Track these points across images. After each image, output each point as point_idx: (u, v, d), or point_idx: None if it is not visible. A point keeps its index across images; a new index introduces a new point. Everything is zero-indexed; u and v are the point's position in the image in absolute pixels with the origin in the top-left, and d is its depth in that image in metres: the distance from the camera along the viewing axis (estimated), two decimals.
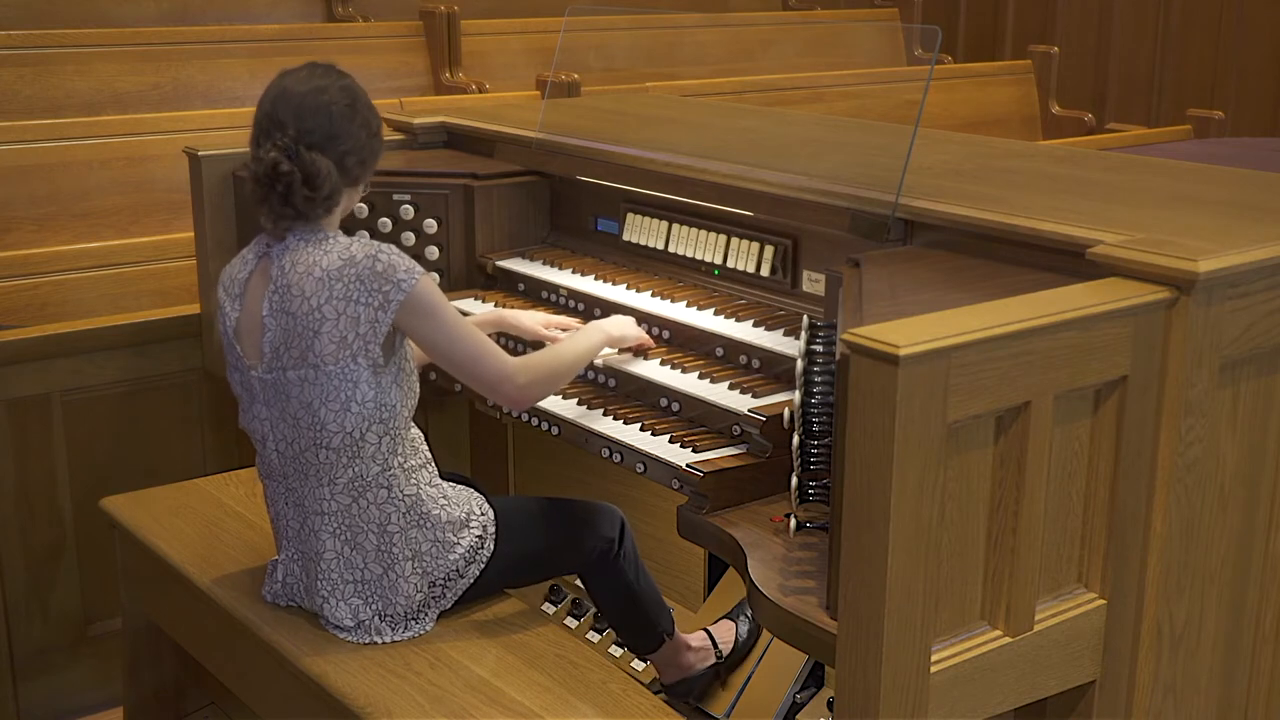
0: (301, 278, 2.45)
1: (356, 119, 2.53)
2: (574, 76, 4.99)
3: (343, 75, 2.58)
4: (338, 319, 2.42)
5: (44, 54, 4.67)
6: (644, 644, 2.96)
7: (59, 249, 3.95)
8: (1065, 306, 1.93)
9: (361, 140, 2.53)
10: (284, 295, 2.47)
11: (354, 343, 2.42)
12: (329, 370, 2.43)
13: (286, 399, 2.49)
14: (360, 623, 2.54)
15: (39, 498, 3.48)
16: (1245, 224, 2.38)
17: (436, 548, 2.56)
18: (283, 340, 2.47)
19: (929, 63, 4.66)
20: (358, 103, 2.54)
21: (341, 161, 2.50)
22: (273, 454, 2.56)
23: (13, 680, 3.47)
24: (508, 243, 3.53)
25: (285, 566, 2.64)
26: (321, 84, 2.52)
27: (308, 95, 2.50)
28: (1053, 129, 6.50)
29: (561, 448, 3.07)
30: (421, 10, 5.63)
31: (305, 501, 2.55)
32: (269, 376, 2.50)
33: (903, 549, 1.80)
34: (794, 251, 2.97)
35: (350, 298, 2.42)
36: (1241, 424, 2.19)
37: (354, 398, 2.44)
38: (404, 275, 2.42)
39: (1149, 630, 2.15)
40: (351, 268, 2.43)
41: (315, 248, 2.48)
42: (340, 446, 2.47)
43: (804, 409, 2.26)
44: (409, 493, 2.54)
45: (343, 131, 2.50)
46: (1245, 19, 7.20)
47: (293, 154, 2.46)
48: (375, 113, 2.60)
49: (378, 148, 2.60)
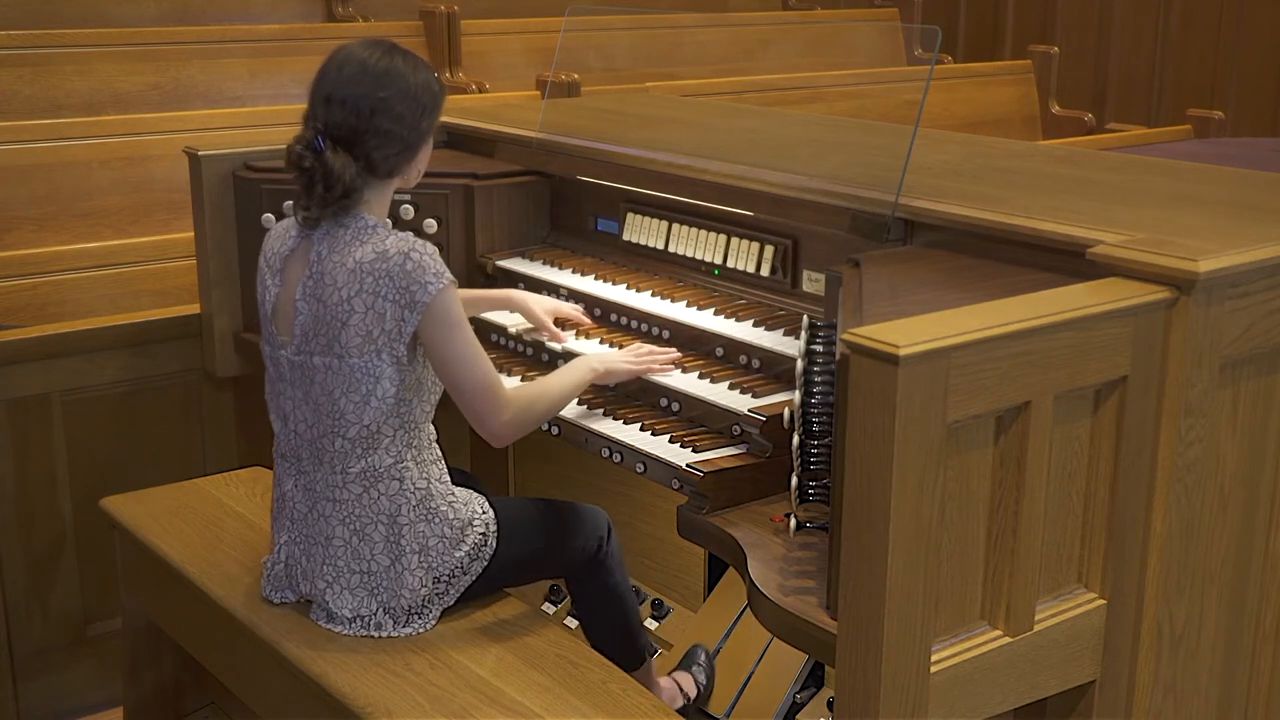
0: (336, 267, 2.46)
1: (392, 113, 2.46)
2: (574, 76, 4.99)
3: (394, 57, 2.49)
4: (365, 313, 2.43)
5: (44, 54, 4.67)
6: (627, 657, 2.84)
7: (59, 249, 3.95)
8: (1065, 306, 1.93)
9: (399, 134, 2.48)
10: (318, 281, 2.47)
11: (379, 338, 2.43)
12: (353, 362, 2.44)
13: (310, 383, 2.50)
14: (360, 616, 2.54)
15: (39, 498, 3.48)
16: (1245, 224, 2.38)
17: (443, 544, 2.56)
18: (312, 325, 2.48)
19: (929, 63, 4.65)
20: (399, 93, 2.46)
21: (369, 158, 2.47)
22: (291, 434, 2.56)
23: (13, 680, 3.47)
24: (508, 243, 3.53)
25: (288, 549, 2.62)
26: (367, 69, 2.46)
27: (347, 82, 2.45)
28: (1053, 129, 6.50)
29: (561, 448, 3.07)
30: (421, 10, 5.64)
31: (317, 486, 2.55)
32: (297, 359, 2.51)
33: (903, 549, 1.80)
34: (794, 251, 2.97)
35: (378, 293, 2.42)
36: (1241, 424, 2.19)
37: (374, 392, 2.45)
38: (431, 278, 2.41)
39: (1149, 630, 2.15)
40: (383, 263, 2.42)
41: (353, 236, 2.47)
42: (356, 437, 2.48)
43: (804, 409, 2.26)
44: (420, 486, 2.54)
45: (376, 128, 2.45)
46: (1245, 19, 7.20)
47: (318, 148, 2.44)
48: (425, 96, 2.51)
49: (419, 138, 2.52)
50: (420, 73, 2.52)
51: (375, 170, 2.49)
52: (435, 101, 2.55)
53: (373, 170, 2.49)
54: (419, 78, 2.51)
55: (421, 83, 2.51)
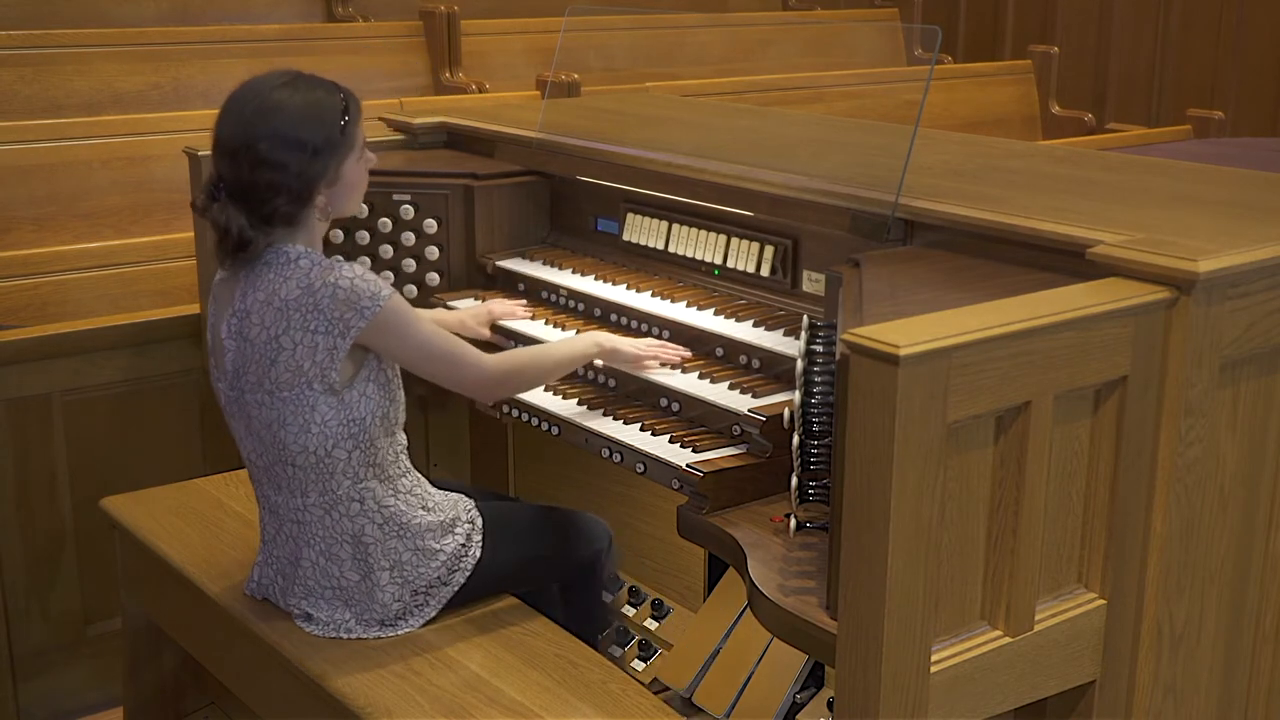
0: (261, 306, 2.41)
1: (272, 162, 2.34)
2: (574, 76, 4.99)
3: (280, 91, 2.36)
4: (294, 348, 2.38)
5: (44, 54, 4.67)
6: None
7: (59, 249, 3.96)
8: (1065, 306, 1.93)
9: (285, 184, 2.36)
10: (243, 320, 2.44)
11: (310, 370, 2.39)
12: (284, 396, 2.41)
13: (249, 417, 2.49)
14: (334, 620, 2.55)
15: (39, 498, 3.48)
16: (1245, 224, 2.38)
17: (417, 556, 2.54)
18: (241, 363, 2.46)
19: (929, 63, 4.65)
20: (279, 139, 2.33)
21: (260, 211, 2.38)
22: (247, 462, 2.57)
23: (13, 680, 3.47)
24: (508, 243, 3.53)
25: (261, 569, 2.64)
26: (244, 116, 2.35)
27: (228, 130, 2.37)
28: (1053, 129, 6.50)
29: (562, 448, 3.07)
30: (421, 10, 5.63)
31: (280, 510, 2.55)
32: (232, 394, 2.50)
33: (903, 549, 1.80)
34: (794, 251, 2.97)
35: (308, 327, 2.37)
36: (1241, 424, 2.19)
37: (313, 419, 2.42)
38: (368, 303, 2.36)
39: (1149, 630, 2.15)
40: (309, 297, 2.37)
41: (276, 273, 2.41)
42: (306, 465, 2.46)
43: (804, 409, 2.26)
44: (386, 504, 2.51)
45: (258, 180, 2.35)
46: (1245, 19, 7.20)
47: (215, 197, 2.39)
48: (311, 130, 2.36)
49: (311, 182, 2.39)
50: (312, 95, 2.37)
51: (271, 220, 2.39)
52: (329, 133, 2.38)
53: (268, 221, 2.39)
54: (306, 105, 2.36)
55: (306, 114, 2.36)
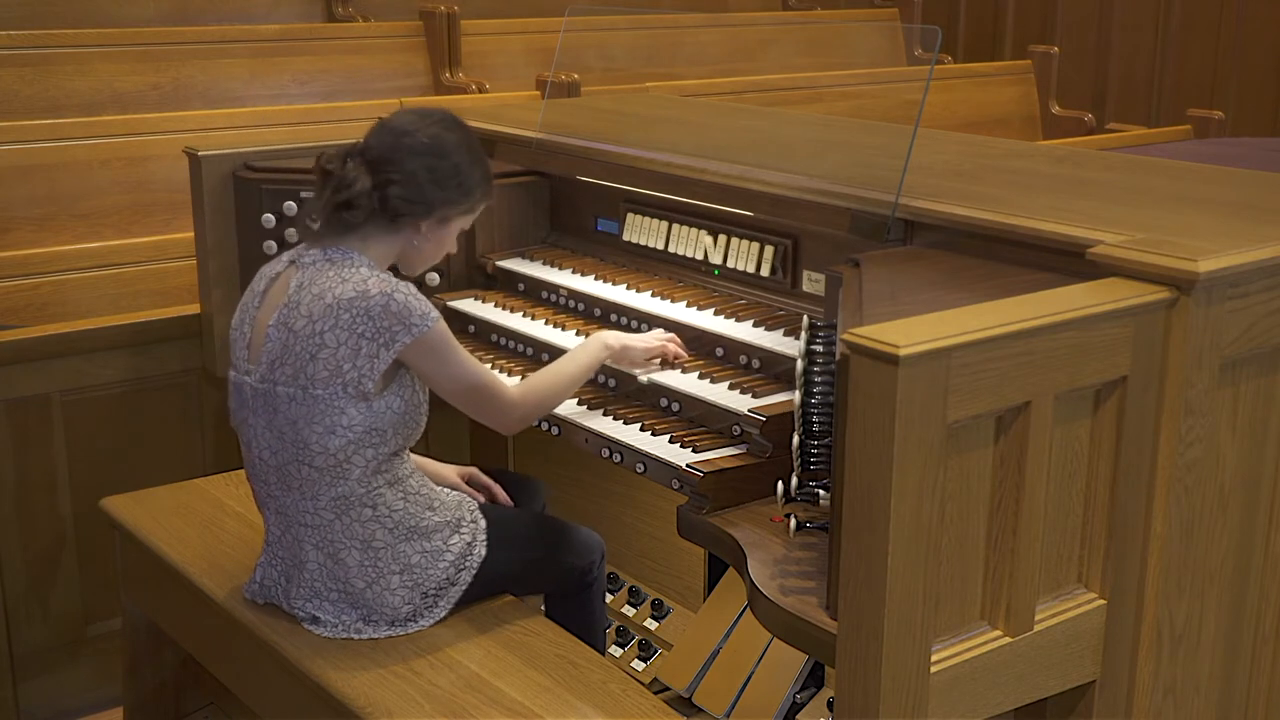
0: (313, 300, 2.44)
1: (426, 163, 2.48)
2: (574, 76, 4.99)
3: (463, 149, 2.54)
4: (337, 348, 2.41)
5: (44, 54, 4.67)
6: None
7: (59, 249, 3.96)
8: (1065, 307, 1.93)
9: (421, 183, 2.48)
10: (292, 310, 2.46)
11: (348, 373, 2.41)
12: (317, 394, 2.42)
13: (274, 411, 2.48)
14: (340, 621, 2.55)
15: (39, 498, 3.48)
16: (1245, 224, 2.38)
17: (427, 558, 2.55)
18: (280, 355, 2.46)
19: (929, 63, 4.65)
20: (443, 160, 2.50)
21: (385, 190, 2.47)
22: (257, 460, 2.56)
23: (13, 680, 3.47)
24: (508, 243, 3.53)
25: (264, 570, 2.63)
26: (431, 120, 2.53)
27: (409, 124, 2.52)
28: (1053, 129, 6.50)
29: (561, 447, 3.07)
30: (421, 10, 5.63)
31: (288, 511, 2.54)
32: (261, 386, 2.49)
33: (903, 549, 1.80)
34: (794, 251, 2.97)
35: (355, 330, 2.40)
36: (1241, 424, 2.19)
37: (340, 422, 2.43)
38: (418, 320, 2.41)
39: (1149, 630, 2.15)
40: (363, 301, 2.41)
41: (335, 272, 2.46)
42: (324, 466, 2.46)
43: (804, 409, 2.26)
44: (396, 508, 2.52)
45: (404, 164, 2.47)
46: (1245, 19, 7.20)
47: (348, 154, 2.49)
48: (460, 180, 2.53)
49: (434, 206, 2.51)
50: (475, 167, 2.56)
51: (386, 203, 2.47)
52: (472, 185, 2.56)
53: (384, 203, 2.47)
54: (478, 159, 2.56)
55: (473, 161, 2.55)
